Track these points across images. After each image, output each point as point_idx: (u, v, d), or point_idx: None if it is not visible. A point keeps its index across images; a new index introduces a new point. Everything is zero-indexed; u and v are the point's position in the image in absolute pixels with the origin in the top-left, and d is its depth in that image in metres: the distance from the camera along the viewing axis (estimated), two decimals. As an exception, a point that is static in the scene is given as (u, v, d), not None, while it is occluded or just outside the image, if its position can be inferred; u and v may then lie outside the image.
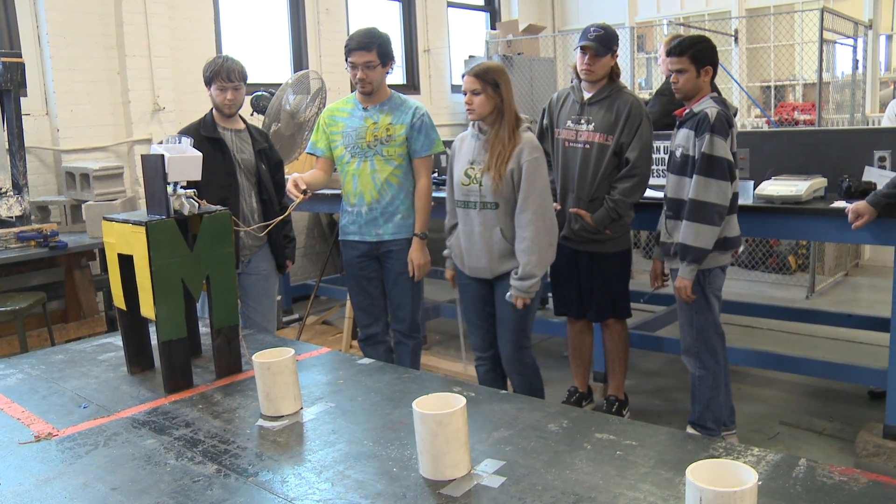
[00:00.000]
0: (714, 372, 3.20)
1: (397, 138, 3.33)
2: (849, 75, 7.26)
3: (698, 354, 3.20)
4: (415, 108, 3.37)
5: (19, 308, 4.03)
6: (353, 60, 3.25)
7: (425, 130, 3.35)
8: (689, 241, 3.02)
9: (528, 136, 2.96)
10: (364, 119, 3.35)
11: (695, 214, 3.01)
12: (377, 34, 3.29)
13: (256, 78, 6.65)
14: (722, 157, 2.97)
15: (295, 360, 1.86)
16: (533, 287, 2.94)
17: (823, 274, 6.46)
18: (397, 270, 3.42)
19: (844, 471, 1.41)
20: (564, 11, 9.74)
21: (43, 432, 1.79)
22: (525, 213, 2.91)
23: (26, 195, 4.71)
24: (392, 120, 3.33)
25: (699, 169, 2.99)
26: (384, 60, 3.29)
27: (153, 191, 2.13)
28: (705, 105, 3.06)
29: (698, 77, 3.06)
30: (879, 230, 3.18)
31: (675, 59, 3.08)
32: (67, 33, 5.33)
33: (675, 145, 3.16)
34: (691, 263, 3.05)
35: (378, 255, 3.45)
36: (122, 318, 2.24)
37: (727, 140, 3.00)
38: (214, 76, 3.33)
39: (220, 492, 1.47)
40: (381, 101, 3.37)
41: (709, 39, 3.15)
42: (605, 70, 3.48)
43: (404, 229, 3.40)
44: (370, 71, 3.25)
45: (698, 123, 3.02)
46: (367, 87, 3.29)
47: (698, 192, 2.99)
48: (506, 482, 1.44)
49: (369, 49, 3.23)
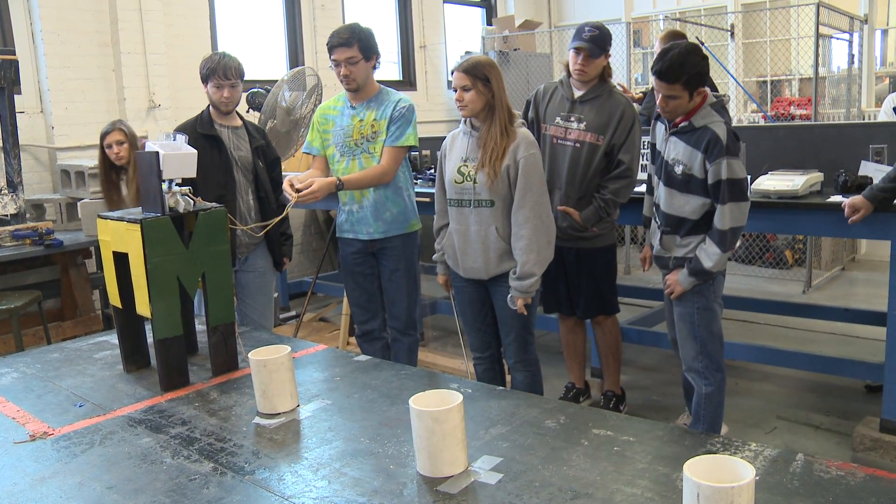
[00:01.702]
0: (720, 386, 3.05)
1: (382, 134, 3.26)
2: (845, 70, 7.27)
3: (704, 371, 3.02)
4: (397, 101, 3.29)
5: (15, 306, 4.02)
6: (336, 58, 3.20)
7: (400, 121, 3.25)
8: (709, 265, 2.85)
9: (523, 131, 2.90)
10: (352, 117, 3.31)
11: (723, 242, 2.83)
12: (357, 29, 3.23)
13: (252, 75, 6.61)
14: (743, 178, 2.79)
15: (291, 358, 1.86)
16: (533, 286, 2.88)
17: (820, 268, 6.47)
18: (391, 267, 3.39)
19: (841, 465, 1.41)
20: (560, 7, 9.73)
21: (38, 431, 1.78)
22: (522, 210, 2.86)
23: (21, 193, 4.70)
24: (376, 115, 3.28)
25: (727, 197, 2.76)
26: (367, 55, 3.22)
27: (148, 188, 2.12)
28: (708, 119, 2.79)
29: (691, 100, 2.77)
30: (876, 224, 3.18)
31: (665, 85, 2.73)
32: (61, 30, 5.31)
33: (671, 158, 2.90)
34: (699, 279, 2.92)
35: (373, 251, 3.42)
36: (117, 316, 2.23)
37: (739, 159, 2.80)
38: (211, 73, 3.31)
39: (217, 490, 1.46)
40: (368, 98, 3.32)
41: (698, 50, 2.80)
42: (598, 70, 3.47)
43: (395, 226, 3.36)
44: (353, 67, 3.19)
45: (708, 145, 2.76)
46: (353, 84, 3.24)
47: (727, 220, 2.79)
48: (503, 479, 1.44)
49: (350, 45, 3.17)
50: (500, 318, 3.07)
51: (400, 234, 3.37)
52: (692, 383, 3.11)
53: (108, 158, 4.04)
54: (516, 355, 3.10)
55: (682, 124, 2.86)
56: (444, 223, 3.12)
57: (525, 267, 2.87)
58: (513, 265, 2.91)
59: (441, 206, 3.12)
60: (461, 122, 3.03)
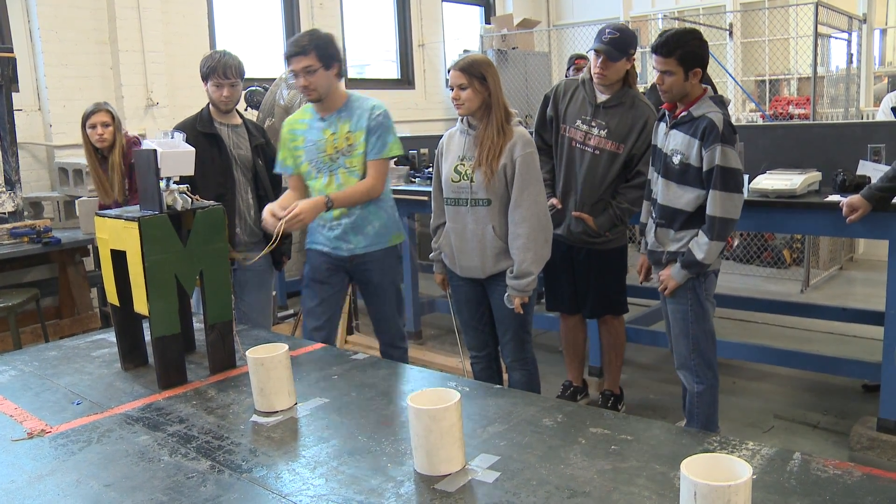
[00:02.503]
0: (712, 385, 3.06)
1: (358, 147, 3.04)
2: (843, 69, 7.27)
3: (696, 369, 3.04)
4: (371, 109, 3.05)
5: (12, 304, 4.01)
6: (293, 68, 2.99)
7: (379, 131, 3.03)
8: (701, 256, 2.86)
9: (520, 130, 2.88)
10: (322, 130, 3.08)
11: (716, 232, 2.82)
12: (315, 35, 3.01)
13: (250, 73, 6.61)
14: (737, 169, 2.80)
15: (289, 356, 1.86)
16: (530, 285, 2.88)
17: (818, 268, 6.48)
18: (375, 282, 3.22)
19: (839, 464, 1.41)
20: (559, 6, 9.72)
21: (36, 429, 1.78)
22: (519, 209, 2.84)
23: (19, 191, 4.69)
24: (350, 127, 3.05)
25: (717, 184, 2.78)
26: (327, 63, 2.98)
27: (146, 186, 2.11)
28: (706, 108, 2.83)
29: (686, 80, 2.81)
30: (874, 224, 3.19)
31: (660, 59, 2.81)
32: (59, 28, 5.31)
33: (669, 149, 2.93)
34: (691, 272, 2.93)
35: (349, 269, 3.22)
36: (115, 314, 2.23)
37: (736, 149, 2.83)
38: (211, 72, 3.30)
39: (214, 488, 1.46)
40: (338, 108, 3.08)
41: (698, 34, 2.87)
42: (619, 75, 3.37)
43: (379, 240, 3.16)
44: (311, 76, 2.96)
45: (704, 132, 2.79)
46: (313, 94, 3.02)
47: (717, 208, 2.80)
48: (500, 477, 1.44)
49: (306, 53, 2.94)
50: (498, 317, 3.07)
51: (384, 247, 3.19)
52: (684, 382, 3.12)
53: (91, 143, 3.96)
54: (513, 354, 3.10)
55: (681, 115, 2.89)
56: (441, 222, 3.10)
57: (522, 266, 2.86)
58: (510, 264, 2.90)
59: (438, 204, 3.10)
60: (458, 121, 3.01)
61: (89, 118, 3.95)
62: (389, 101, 4.74)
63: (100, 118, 3.93)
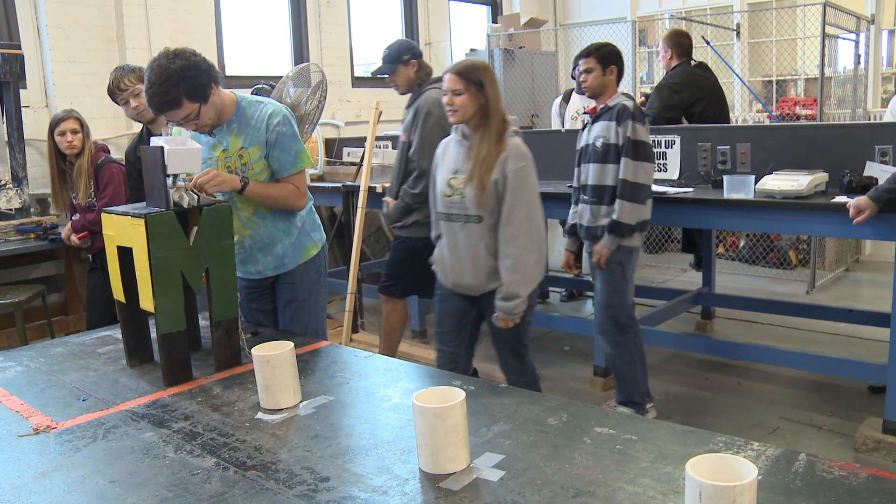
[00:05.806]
0: (629, 349, 3.50)
1: (255, 165, 2.59)
2: (850, 70, 7.24)
3: (611, 333, 3.51)
4: (267, 120, 2.58)
5: (19, 301, 4.03)
6: (170, 121, 2.54)
7: (282, 145, 2.59)
8: (622, 218, 3.28)
9: (514, 141, 2.72)
10: (212, 147, 2.61)
11: (627, 194, 3.27)
12: (173, 80, 2.34)
13: (257, 71, 6.64)
14: (646, 141, 3.29)
15: (294, 354, 1.86)
16: (518, 307, 2.72)
17: (824, 269, 6.45)
18: (286, 298, 2.82)
19: (844, 465, 1.40)
20: (566, 5, 9.70)
21: (42, 425, 1.79)
22: (509, 227, 2.68)
23: (26, 188, 4.71)
24: (244, 143, 2.58)
25: (627, 153, 3.27)
26: (202, 97, 2.43)
27: (152, 183, 2.12)
28: (620, 99, 3.37)
29: (604, 76, 3.38)
30: (880, 225, 3.18)
31: (583, 60, 3.40)
32: (67, 25, 5.32)
33: (592, 137, 3.42)
34: (617, 237, 3.32)
35: (269, 283, 2.87)
36: (121, 310, 2.24)
37: (645, 127, 3.31)
38: (112, 93, 3.53)
39: (219, 485, 1.46)
40: (227, 120, 2.59)
41: (614, 45, 3.48)
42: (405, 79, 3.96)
43: (287, 259, 2.77)
44: (197, 119, 2.47)
45: (618, 114, 3.30)
46: (205, 129, 2.55)
47: (628, 173, 3.27)
48: (505, 476, 1.44)
49: (179, 104, 2.39)
50: (494, 333, 2.93)
51: (294, 266, 2.80)
52: (602, 345, 3.66)
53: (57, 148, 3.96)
54: (511, 368, 3.01)
55: (598, 108, 3.43)
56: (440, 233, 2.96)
57: (509, 288, 2.71)
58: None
59: (436, 216, 2.95)
60: (453, 130, 2.86)
61: (58, 125, 3.93)
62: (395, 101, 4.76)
63: (69, 125, 3.92)
